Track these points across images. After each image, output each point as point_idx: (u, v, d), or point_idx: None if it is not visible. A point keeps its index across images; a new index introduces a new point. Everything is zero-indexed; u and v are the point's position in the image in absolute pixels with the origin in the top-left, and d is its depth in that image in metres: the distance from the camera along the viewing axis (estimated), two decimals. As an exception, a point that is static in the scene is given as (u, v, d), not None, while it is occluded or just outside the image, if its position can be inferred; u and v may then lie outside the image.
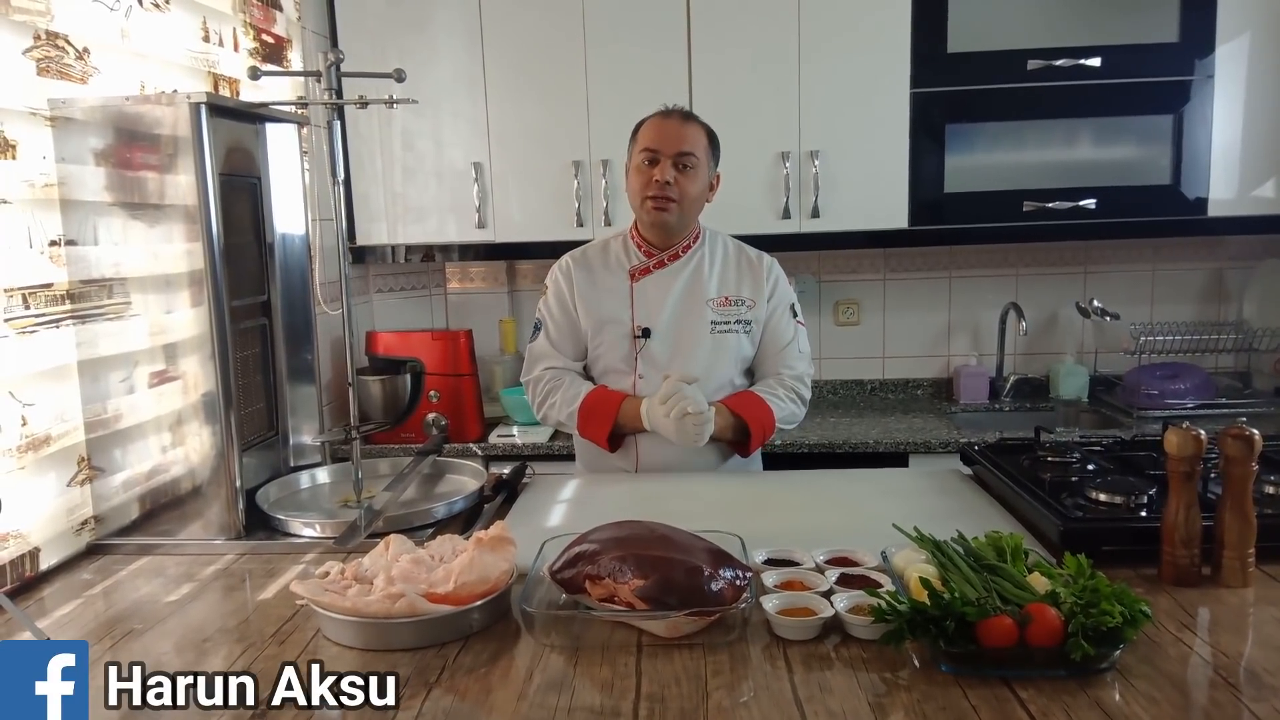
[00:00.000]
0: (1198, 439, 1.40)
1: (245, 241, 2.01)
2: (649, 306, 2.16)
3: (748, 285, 2.19)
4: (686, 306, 2.15)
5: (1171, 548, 1.43)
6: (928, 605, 1.18)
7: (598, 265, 2.21)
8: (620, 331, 2.16)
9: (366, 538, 1.66)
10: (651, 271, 2.17)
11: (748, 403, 2.11)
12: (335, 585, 1.37)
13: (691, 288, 2.16)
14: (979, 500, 1.83)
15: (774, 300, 2.20)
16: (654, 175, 2.05)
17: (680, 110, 2.12)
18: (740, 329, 2.16)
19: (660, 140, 2.05)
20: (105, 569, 1.69)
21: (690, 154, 2.05)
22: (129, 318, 1.80)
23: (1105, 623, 1.14)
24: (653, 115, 2.12)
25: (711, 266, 2.19)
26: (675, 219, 2.09)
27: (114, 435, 1.80)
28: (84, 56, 1.85)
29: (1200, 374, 3.14)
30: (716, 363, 2.13)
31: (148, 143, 1.76)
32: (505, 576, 1.36)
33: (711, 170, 2.13)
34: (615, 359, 2.16)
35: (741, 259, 2.22)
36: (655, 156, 2.05)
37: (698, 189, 2.09)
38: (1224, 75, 2.89)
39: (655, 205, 2.07)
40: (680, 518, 1.69)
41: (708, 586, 1.27)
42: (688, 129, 2.07)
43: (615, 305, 2.16)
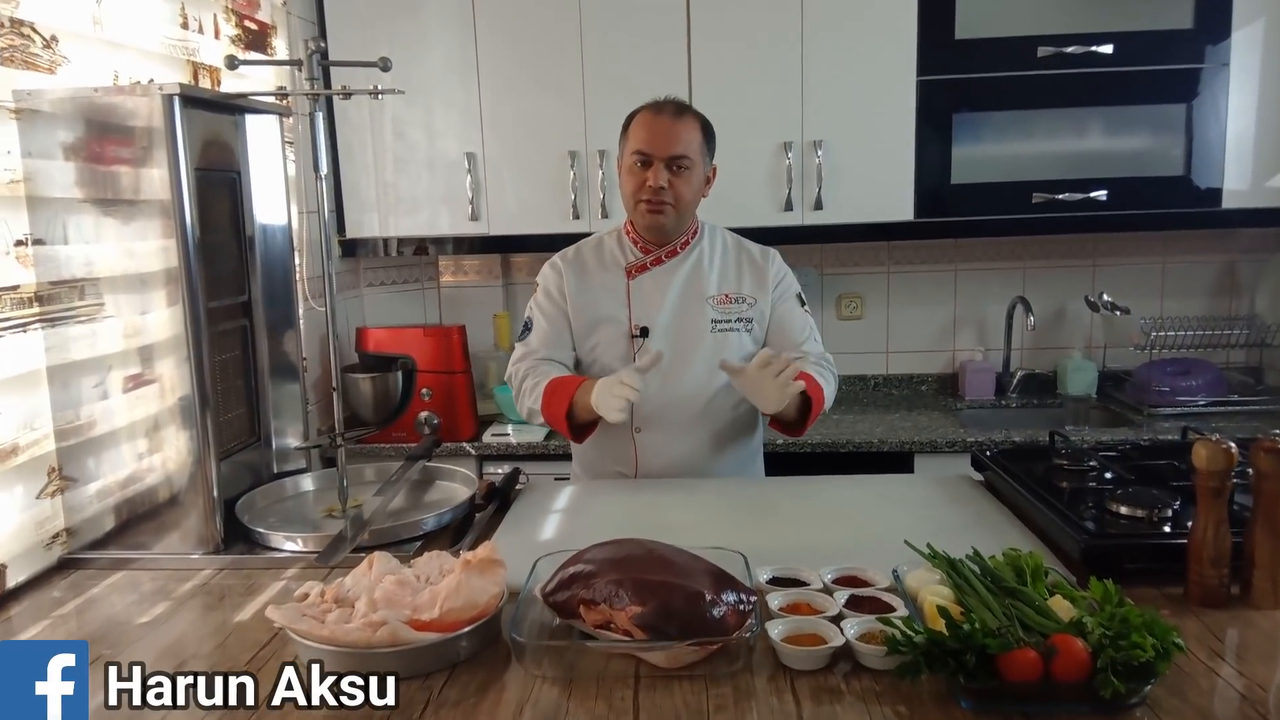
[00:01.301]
0: (1229, 452, 1.32)
1: (224, 239, 1.92)
2: (647, 305, 2.08)
3: (749, 281, 2.11)
4: (685, 304, 2.08)
5: (1199, 567, 1.35)
6: (945, 635, 1.11)
7: (592, 263, 2.13)
8: (618, 331, 2.08)
9: (351, 551, 1.59)
10: (649, 268, 2.09)
11: (808, 379, 1.95)
12: (314, 609, 1.29)
13: (690, 285, 2.08)
14: (992, 510, 1.75)
15: (779, 291, 2.12)
16: (647, 179, 1.96)
17: (672, 105, 2.02)
18: (742, 327, 2.09)
19: (652, 143, 1.96)
20: (77, 585, 1.62)
21: (684, 156, 1.96)
22: (102, 320, 1.72)
23: (1136, 657, 1.06)
24: (644, 109, 2.02)
25: (711, 262, 2.11)
26: (671, 222, 2.02)
27: (86, 444, 1.72)
28: (52, 45, 1.76)
29: (1212, 370, 3.07)
30: (716, 365, 2.04)
31: (120, 136, 1.67)
32: (494, 601, 1.28)
33: (707, 165, 2.05)
34: (612, 359, 2.08)
35: (742, 255, 2.14)
36: (648, 159, 1.96)
37: (693, 189, 2.01)
38: (1239, 63, 2.82)
39: (650, 209, 1.99)
40: (680, 529, 1.62)
41: (709, 613, 1.19)
42: (680, 127, 1.97)
43: (611, 304, 2.09)
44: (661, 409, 2.05)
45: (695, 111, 2.04)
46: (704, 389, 2.06)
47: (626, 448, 2.09)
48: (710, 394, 2.07)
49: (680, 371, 2.05)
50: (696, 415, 2.07)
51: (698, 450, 2.08)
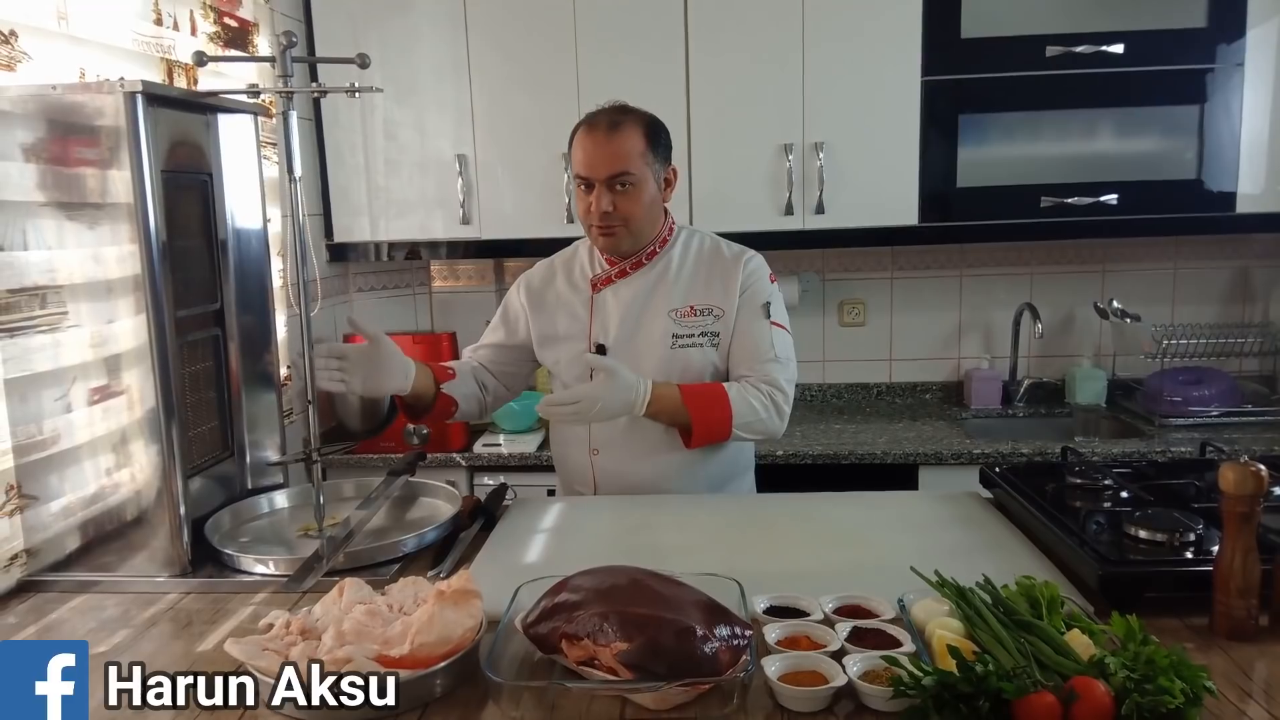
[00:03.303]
0: (1259, 476, 1.23)
1: (194, 244, 1.83)
2: (606, 320, 1.98)
3: (718, 290, 1.96)
4: (645, 319, 1.96)
5: (1226, 597, 1.26)
6: (957, 677, 1.02)
7: (560, 280, 2.06)
8: (577, 348, 1.99)
9: (325, 575, 1.50)
10: (613, 281, 1.99)
11: (705, 396, 1.88)
12: (277, 643, 1.20)
13: (652, 298, 1.97)
14: (1002, 532, 1.66)
15: (744, 299, 1.96)
16: (591, 204, 1.87)
17: (605, 118, 1.88)
18: (705, 341, 1.95)
19: (589, 165, 1.86)
20: (38, 609, 1.53)
21: (625, 173, 1.85)
22: (66, 329, 1.63)
23: (1165, 704, 0.97)
24: (579, 127, 1.91)
25: (680, 272, 1.98)
26: (627, 241, 1.93)
27: (48, 460, 1.63)
28: (10, 40, 1.67)
29: (1225, 379, 2.98)
30: (675, 381, 1.92)
31: (84, 136, 1.58)
32: (470, 634, 1.20)
33: (660, 170, 1.92)
34: (571, 376, 2.01)
35: (716, 261, 1.99)
36: (589, 182, 1.87)
37: (644, 205, 1.90)
38: (1254, 63, 2.74)
39: (601, 233, 1.91)
40: (671, 552, 1.55)
41: (701, 650, 1.10)
42: (616, 142, 1.85)
43: (571, 322, 2.01)
44: (617, 430, 1.96)
45: (635, 115, 1.91)
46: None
47: (585, 470, 2.01)
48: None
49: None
50: (657, 437, 1.95)
51: (662, 471, 1.96)
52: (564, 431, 2.07)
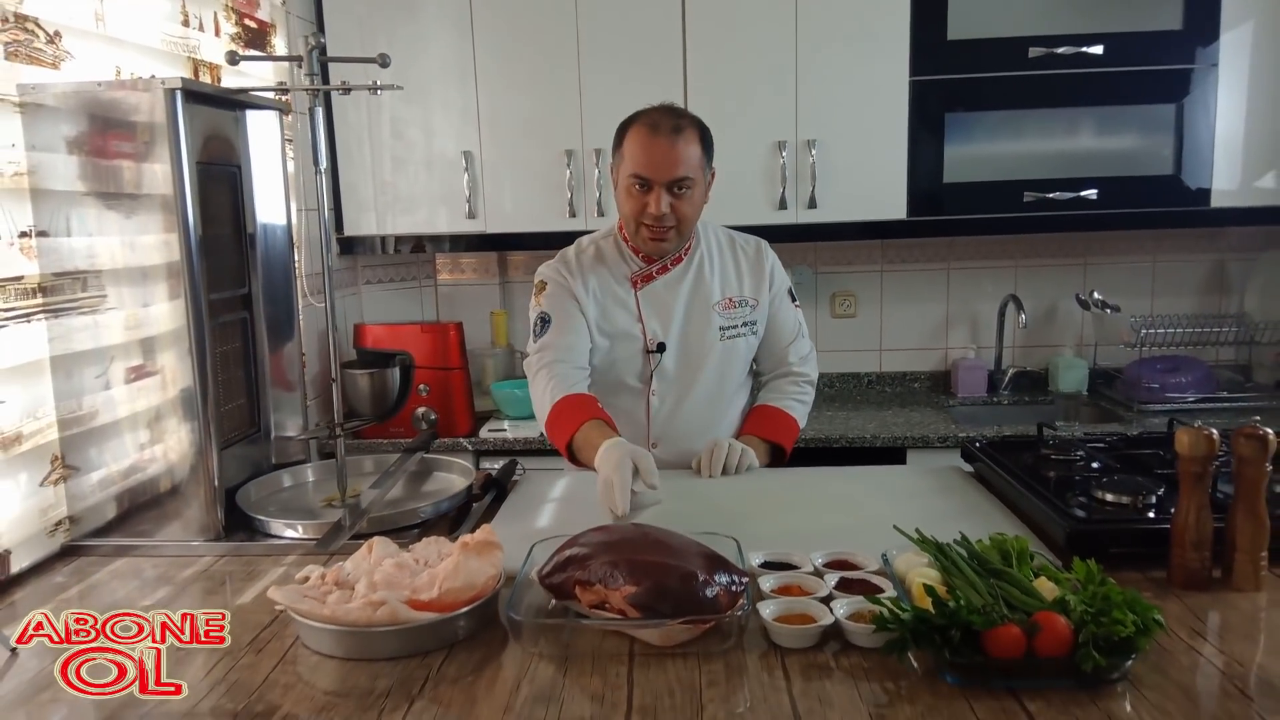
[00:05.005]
0: (1210, 438, 1.35)
1: (224, 232, 1.94)
2: (659, 317, 2.04)
3: (749, 282, 2.09)
4: (694, 314, 2.05)
5: (1182, 550, 1.38)
6: (932, 613, 1.13)
7: (599, 272, 2.04)
8: (633, 347, 2.03)
9: (350, 539, 1.61)
10: (655, 278, 2.04)
11: (775, 423, 2.11)
12: (315, 591, 1.32)
13: (697, 293, 2.05)
14: (981, 499, 1.78)
15: (774, 288, 2.11)
16: (647, 205, 1.89)
17: (669, 121, 1.88)
18: (747, 331, 2.09)
19: (652, 167, 1.86)
20: (80, 571, 1.64)
21: (686, 178, 1.88)
22: (104, 311, 1.74)
23: (1117, 632, 1.09)
24: (639, 125, 1.90)
25: (713, 266, 2.08)
26: (674, 244, 1.99)
27: (89, 433, 1.74)
28: (55, 40, 1.78)
29: (1201, 367, 3.10)
30: (727, 371, 2.07)
31: (123, 130, 1.69)
32: (492, 582, 1.31)
33: (708, 173, 1.98)
34: (628, 373, 2.05)
35: (737, 252, 2.12)
36: (647, 183, 1.88)
37: (697, 207, 1.95)
38: (1228, 64, 2.84)
39: (653, 235, 1.94)
40: (674, 518, 1.64)
41: (702, 593, 1.22)
42: (680, 147, 1.86)
43: (624, 317, 2.04)
44: (676, 423, 2.08)
45: (692, 120, 1.93)
46: (715, 398, 2.09)
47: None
48: (722, 402, 2.09)
49: (692, 383, 2.06)
50: (708, 424, 2.08)
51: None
52: (621, 425, 1.92)
